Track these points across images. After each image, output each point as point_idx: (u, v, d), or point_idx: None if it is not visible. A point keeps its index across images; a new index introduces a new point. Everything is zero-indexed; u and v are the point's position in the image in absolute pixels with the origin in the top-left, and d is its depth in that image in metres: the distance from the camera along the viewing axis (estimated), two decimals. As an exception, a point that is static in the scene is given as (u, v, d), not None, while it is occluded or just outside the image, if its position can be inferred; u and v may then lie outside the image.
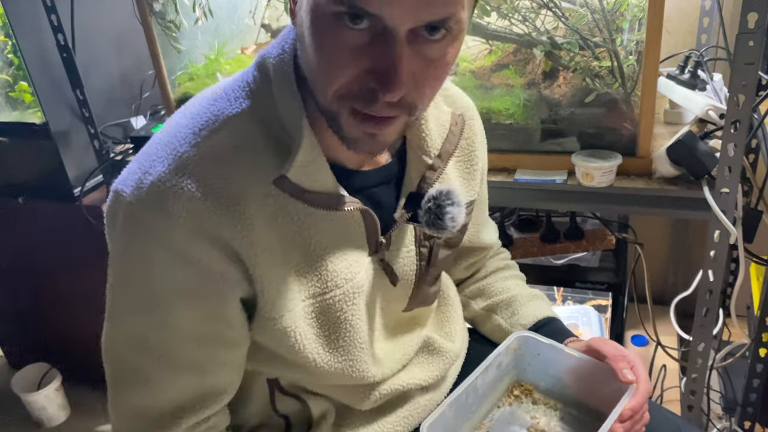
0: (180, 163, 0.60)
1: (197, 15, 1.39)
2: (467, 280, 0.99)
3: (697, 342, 1.13)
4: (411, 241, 0.75)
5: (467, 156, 0.81)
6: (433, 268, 0.79)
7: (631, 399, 0.70)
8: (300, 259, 0.66)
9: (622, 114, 1.10)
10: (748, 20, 0.88)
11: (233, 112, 0.62)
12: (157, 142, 0.63)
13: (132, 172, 0.62)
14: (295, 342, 0.68)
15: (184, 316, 0.63)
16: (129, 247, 0.62)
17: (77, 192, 1.54)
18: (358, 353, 0.73)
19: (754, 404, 1.27)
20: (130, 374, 0.66)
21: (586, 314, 1.58)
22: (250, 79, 0.65)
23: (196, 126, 0.62)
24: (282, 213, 0.63)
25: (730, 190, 0.99)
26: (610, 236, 1.51)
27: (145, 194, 0.59)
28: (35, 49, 1.44)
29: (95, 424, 1.82)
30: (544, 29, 1.11)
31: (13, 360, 2.05)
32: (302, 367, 0.71)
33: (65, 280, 1.75)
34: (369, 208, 0.68)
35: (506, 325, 0.90)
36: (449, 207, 0.70)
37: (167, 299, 0.62)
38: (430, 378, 0.84)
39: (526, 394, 0.82)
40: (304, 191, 0.63)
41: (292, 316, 0.66)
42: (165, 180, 0.59)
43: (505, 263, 1.00)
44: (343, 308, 0.69)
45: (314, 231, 0.65)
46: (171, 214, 0.58)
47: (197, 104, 0.65)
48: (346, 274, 0.69)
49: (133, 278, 0.63)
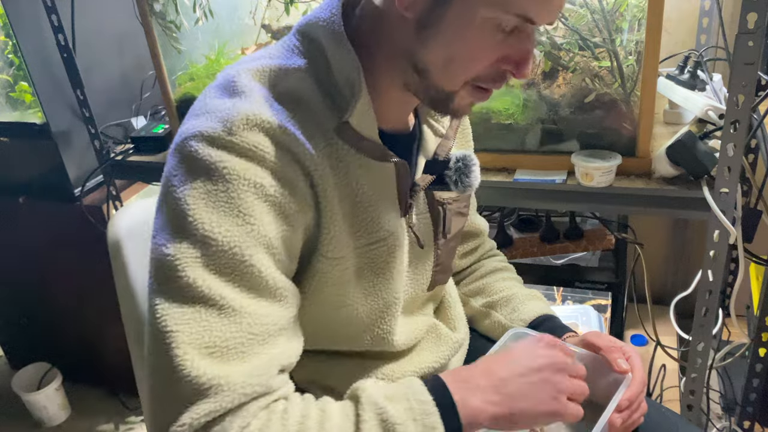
0: (263, 97, 0.63)
1: (197, 15, 1.40)
2: (466, 277, 1.01)
3: (696, 342, 1.13)
4: (424, 208, 0.81)
5: (462, 134, 0.89)
6: (451, 238, 0.84)
7: (628, 389, 0.72)
8: (350, 208, 0.69)
9: (622, 114, 1.10)
10: (748, 20, 0.89)
11: (293, 66, 0.66)
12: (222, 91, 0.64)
13: (202, 120, 0.61)
14: (346, 286, 0.71)
15: (271, 237, 0.61)
16: (216, 170, 0.59)
17: (77, 192, 1.54)
18: (392, 310, 0.77)
19: (754, 404, 1.27)
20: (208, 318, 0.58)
21: (586, 314, 1.58)
22: (295, 42, 0.68)
23: (263, 75, 0.65)
24: (339, 161, 0.67)
25: (730, 190, 1.00)
26: (610, 236, 1.51)
27: (234, 123, 0.60)
28: (36, 49, 1.44)
29: (95, 423, 1.82)
30: (544, 29, 1.11)
31: (13, 360, 2.05)
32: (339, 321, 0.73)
33: (65, 280, 1.76)
34: (405, 162, 0.72)
35: (506, 321, 0.93)
36: (473, 167, 0.80)
37: (256, 223, 0.59)
38: (439, 360, 0.86)
39: None
40: (361, 138, 0.67)
41: (346, 261, 0.70)
42: (253, 110, 0.61)
43: (503, 265, 1.03)
44: (387, 260, 0.74)
45: (363, 182, 0.69)
46: (266, 137, 0.60)
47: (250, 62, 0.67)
48: (389, 228, 0.73)
49: (219, 199, 0.59)
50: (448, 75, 0.64)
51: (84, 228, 1.53)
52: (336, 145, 0.66)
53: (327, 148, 0.65)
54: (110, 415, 1.84)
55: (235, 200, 0.59)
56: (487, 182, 1.16)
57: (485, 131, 1.19)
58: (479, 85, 0.65)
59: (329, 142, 0.66)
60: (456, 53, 0.62)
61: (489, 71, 0.64)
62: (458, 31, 0.61)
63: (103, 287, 1.22)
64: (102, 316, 1.68)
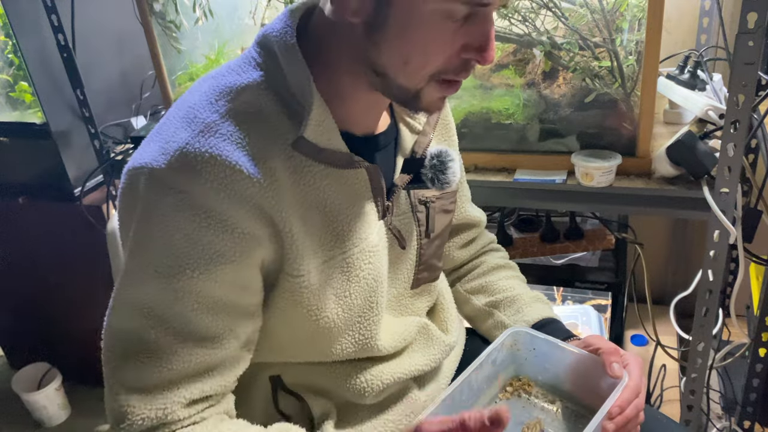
0: (204, 127, 0.61)
1: (197, 15, 1.40)
2: (468, 274, 0.99)
3: (696, 342, 1.13)
4: (407, 207, 0.79)
5: (444, 128, 0.87)
6: (435, 236, 0.83)
7: (620, 396, 0.70)
8: (318, 220, 0.68)
9: (622, 114, 1.10)
10: (748, 20, 0.88)
11: (245, 82, 0.64)
12: (171, 118, 0.64)
13: (149, 147, 0.62)
14: (317, 301, 0.69)
15: (204, 282, 0.62)
16: (152, 212, 0.61)
17: (77, 192, 1.54)
18: (371, 315, 0.75)
19: (754, 404, 1.27)
20: (135, 346, 0.64)
21: (586, 314, 1.58)
22: (253, 55, 0.67)
23: (211, 98, 0.64)
24: (301, 175, 0.65)
25: (730, 190, 1.00)
26: (610, 236, 1.51)
27: (171, 158, 0.60)
28: (35, 49, 1.44)
29: (95, 423, 1.82)
30: (544, 29, 1.11)
31: (13, 360, 2.05)
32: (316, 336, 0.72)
33: (65, 280, 1.76)
34: (377, 166, 0.71)
35: (509, 322, 0.91)
36: (450, 163, 0.78)
37: (189, 264, 0.61)
38: (430, 362, 0.85)
39: (524, 388, 0.83)
40: (320, 150, 0.65)
41: (316, 274, 0.68)
42: (192, 142, 0.60)
43: (505, 262, 1.01)
44: (361, 266, 0.72)
45: (329, 192, 0.68)
46: (200, 174, 0.59)
47: (203, 83, 0.67)
48: (361, 234, 0.71)
49: (155, 243, 0.61)
50: (407, 74, 0.62)
51: (84, 228, 1.53)
52: (296, 159, 0.65)
53: (287, 162, 0.64)
54: (110, 415, 1.84)
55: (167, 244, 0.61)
56: (487, 182, 1.16)
57: (485, 131, 1.19)
58: (445, 78, 0.63)
59: (289, 155, 0.64)
60: (410, 52, 0.60)
61: (451, 63, 0.62)
62: (406, 28, 0.59)
63: (103, 287, 1.22)
64: (102, 316, 1.67)
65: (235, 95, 0.64)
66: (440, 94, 0.65)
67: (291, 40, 0.64)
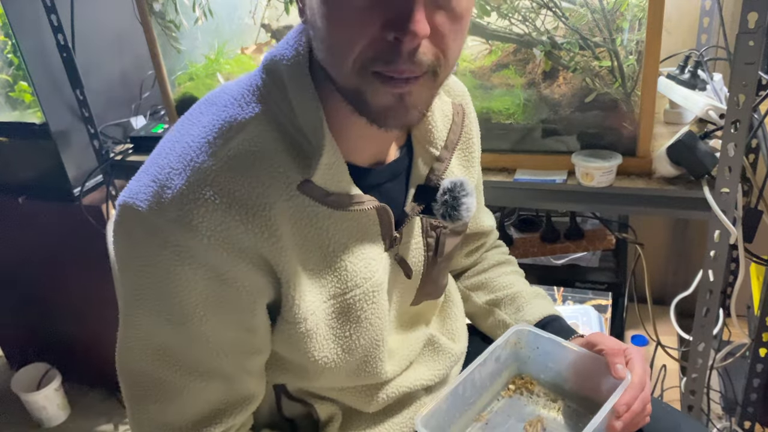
0: (200, 175, 0.58)
1: (197, 15, 1.39)
2: (467, 270, 0.99)
3: (697, 342, 1.13)
4: (418, 232, 0.76)
5: (466, 144, 0.82)
6: (442, 259, 0.80)
7: (624, 393, 0.70)
8: (319, 261, 0.66)
9: (622, 114, 1.10)
10: (748, 20, 0.88)
11: (246, 117, 0.61)
12: (168, 152, 0.61)
13: (144, 185, 0.60)
14: (316, 344, 0.67)
15: (212, 328, 0.62)
16: (153, 262, 0.59)
17: (77, 192, 1.54)
18: (374, 351, 0.73)
19: (755, 404, 1.27)
20: (153, 388, 0.65)
21: (586, 314, 1.57)
22: (258, 82, 0.63)
23: (209, 135, 0.60)
24: (302, 216, 0.63)
25: (730, 189, 0.99)
26: (610, 236, 1.51)
27: (167, 209, 0.57)
28: (35, 49, 1.44)
29: (95, 424, 1.82)
30: (544, 29, 1.11)
31: (13, 360, 2.05)
32: (316, 371, 0.71)
33: (65, 280, 1.75)
34: (386, 205, 0.68)
35: (510, 321, 0.90)
36: (464, 198, 0.72)
37: (196, 313, 0.61)
38: (435, 377, 0.84)
39: (526, 386, 0.83)
40: (327, 194, 0.63)
41: (315, 318, 0.66)
42: (187, 193, 0.57)
43: (506, 258, 1.00)
44: (363, 307, 0.69)
45: (333, 232, 0.65)
46: (197, 229, 0.57)
47: (205, 112, 0.63)
48: (365, 273, 0.69)
49: (158, 293, 0.61)
50: (337, 68, 0.57)
51: (83, 228, 1.53)
52: (301, 197, 0.62)
53: (287, 203, 0.61)
54: (110, 415, 1.84)
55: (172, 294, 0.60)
56: (487, 182, 1.16)
57: (485, 131, 1.18)
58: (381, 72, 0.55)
59: (293, 195, 0.61)
60: (332, 40, 0.56)
61: (376, 48, 0.54)
62: (321, 15, 0.55)
63: (103, 287, 1.22)
64: (102, 316, 1.67)
65: (234, 132, 0.60)
66: (386, 92, 0.56)
67: (304, 72, 0.60)
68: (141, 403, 0.66)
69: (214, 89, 0.67)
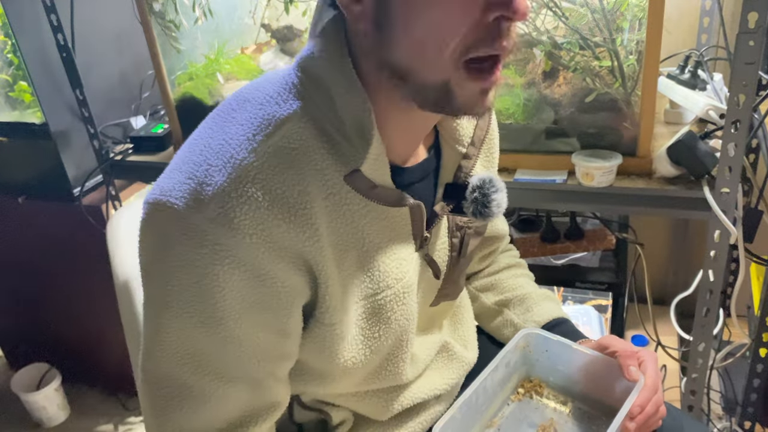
0: (241, 172, 0.56)
1: (197, 15, 1.39)
2: (478, 272, 0.99)
3: (697, 342, 1.13)
4: (444, 232, 0.76)
5: (489, 142, 0.81)
6: (464, 259, 0.79)
7: (639, 395, 0.70)
8: (354, 261, 0.65)
9: (623, 114, 1.10)
10: (749, 20, 0.88)
11: (285, 114, 0.60)
12: (204, 149, 0.59)
13: (179, 182, 0.58)
14: (346, 344, 0.67)
15: (247, 331, 0.61)
16: (190, 262, 0.57)
17: (77, 192, 1.54)
18: (399, 351, 0.73)
19: (755, 404, 1.27)
20: (178, 395, 0.63)
21: (587, 314, 1.57)
22: (294, 80, 0.62)
23: (248, 132, 0.59)
24: (339, 215, 0.62)
25: (731, 189, 0.99)
26: (610, 236, 1.51)
27: (207, 207, 0.56)
28: (35, 49, 1.44)
29: (95, 423, 1.82)
30: (544, 29, 1.11)
31: (13, 360, 2.05)
32: (339, 374, 0.70)
33: (65, 280, 1.75)
34: (421, 203, 0.67)
35: (518, 321, 0.90)
36: (494, 194, 0.71)
37: (232, 315, 0.59)
38: (447, 385, 0.84)
39: (536, 389, 0.83)
40: (374, 186, 0.62)
41: (347, 320, 0.66)
42: (229, 191, 0.56)
43: (516, 261, 1.00)
44: (393, 308, 0.69)
45: (368, 231, 0.65)
46: (239, 228, 0.56)
47: (240, 109, 0.62)
48: (397, 274, 0.68)
49: (194, 295, 0.58)
50: (428, 63, 0.55)
51: (83, 228, 1.53)
52: (339, 195, 0.61)
53: (326, 201, 0.60)
54: (110, 415, 1.84)
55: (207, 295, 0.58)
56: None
57: (485, 131, 1.19)
58: (474, 64, 0.55)
59: (331, 192, 0.60)
60: (424, 33, 0.54)
61: (476, 34, 0.54)
62: (413, 7, 0.53)
63: (103, 287, 1.21)
64: (102, 316, 1.67)
65: (274, 129, 0.59)
66: (476, 85, 0.57)
67: (347, 67, 0.59)
68: (166, 410, 0.64)
69: (244, 87, 0.66)
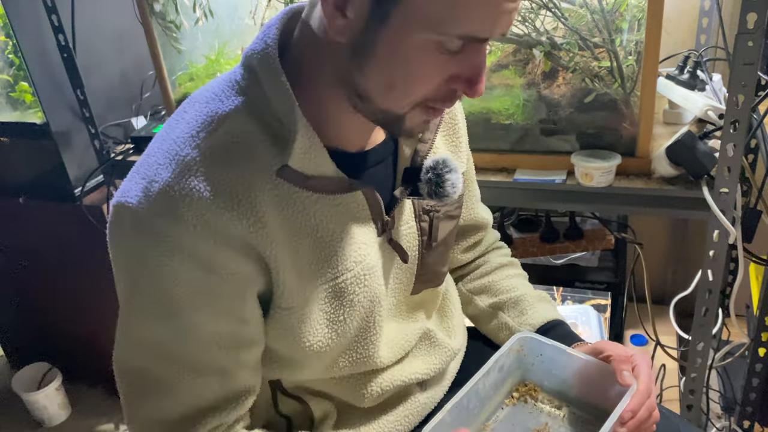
0: (184, 166, 0.60)
1: (197, 15, 1.40)
2: (470, 273, 0.99)
3: (696, 341, 1.13)
4: (411, 216, 0.77)
5: (451, 129, 0.83)
6: (438, 244, 0.81)
7: (631, 400, 0.70)
8: (310, 247, 0.67)
9: (622, 114, 1.10)
10: (748, 20, 0.89)
11: (227, 110, 0.63)
12: (155, 150, 0.63)
13: (134, 183, 0.62)
14: (309, 328, 0.69)
15: (203, 320, 0.63)
16: (142, 257, 0.61)
17: (78, 192, 1.54)
18: (369, 335, 0.75)
19: (753, 404, 1.27)
20: (149, 384, 0.66)
21: (586, 314, 1.58)
22: (237, 77, 0.65)
23: (192, 129, 0.62)
24: (288, 203, 0.64)
25: (730, 190, 1.00)
26: (610, 236, 1.51)
27: (154, 202, 0.59)
28: (36, 49, 1.44)
29: (95, 423, 1.82)
30: (543, 29, 1.11)
31: (13, 360, 2.05)
32: (308, 357, 0.71)
33: (65, 280, 1.76)
34: (371, 187, 0.69)
35: (513, 324, 0.90)
36: (447, 174, 0.72)
37: (186, 306, 0.62)
38: (431, 371, 0.84)
39: (530, 394, 0.82)
40: (306, 178, 0.64)
41: (308, 303, 0.68)
42: (172, 185, 0.59)
43: (508, 260, 1.00)
44: (355, 291, 0.71)
45: (321, 217, 0.67)
46: (183, 219, 0.59)
47: (188, 110, 0.66)
48: (356, 257, 0.70)
49: (149, 288, 0.62)
50: (391, 100, 0.60)
51: (84, 228, 1.53)
52: (283, 187, 0.63)
53: (273, 192, 0.63)
54: (111, 414, 1.84)
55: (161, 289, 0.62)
56: (487, 182, 1.16)
57: (485, 131, 1.19)
58: (430, 104, 0.61)
59: (275, 184, 0.63)
60: (395, 78, 0.58)
61: (437, 92, 0.60)
62: (395, 55, 0.57)
63: (104, 287, 1.22)
64: (102, 315, 1.67)
65: (216, 125, 0.62)
66: (424, 118, 0.63)
67: (273, 62, 0.62)
68: (137, 400, 0.68)
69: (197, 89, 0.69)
